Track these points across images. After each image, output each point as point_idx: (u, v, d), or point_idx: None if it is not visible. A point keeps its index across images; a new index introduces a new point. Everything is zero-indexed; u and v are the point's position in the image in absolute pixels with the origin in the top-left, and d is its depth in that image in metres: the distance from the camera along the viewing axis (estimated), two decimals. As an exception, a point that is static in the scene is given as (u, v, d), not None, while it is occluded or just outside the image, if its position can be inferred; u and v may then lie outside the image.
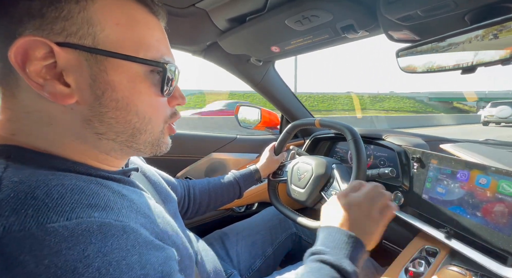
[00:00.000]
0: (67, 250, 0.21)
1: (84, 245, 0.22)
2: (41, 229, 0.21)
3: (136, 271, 0.24)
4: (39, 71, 0.27)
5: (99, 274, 0.21)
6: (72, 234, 0.22)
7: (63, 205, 0.23)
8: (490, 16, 0.38)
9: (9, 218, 0.21)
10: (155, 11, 0.33)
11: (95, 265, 0.22)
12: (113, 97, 0.29)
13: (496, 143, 0.86)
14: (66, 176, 0.26)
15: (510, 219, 0.46)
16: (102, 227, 0.23)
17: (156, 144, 0.36)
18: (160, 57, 0.32)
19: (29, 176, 0.24)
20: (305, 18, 0.55)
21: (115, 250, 0.23)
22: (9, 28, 0.26)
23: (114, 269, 0.22)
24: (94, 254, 0.22)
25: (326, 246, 0.40)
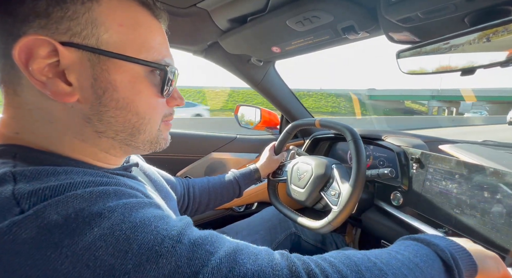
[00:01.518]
0: (89, 206, 0.23)
1: (103, 202, 0.24)
2: (63, 196, 0.23)
3: (158, 212, 0.26)
4: (42, 69, 0.27)
5: (124, 217, 0.24)
6: (91, 196, 0.24)
7: (77, 185, 0.25)
8: (489, 18, 0.38)
9: (31, 198, 0.22)
10: (157, 15, 0.34)
11: (118, 210, 0.24)
12: (114, 97, 0.30)
13: (495, 144, 0.86)
14: (73, 169, 0.27)
15: (508, 219, 0.47)
16: (117, 191, 0.26)
17: (155, 142, 0.36)
18: (161, 59, 0.33)
19: (38, 170, 0.25)
20: (306, 19, 0.55)
21: (133, 203, 0.26)
22: (14, 26, 0.27)
23: (137, 213, 0.25)
24: (114, 204, 0.24)
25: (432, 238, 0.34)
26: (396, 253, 0.31)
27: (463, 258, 0.33)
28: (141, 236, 0.23)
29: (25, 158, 0.27)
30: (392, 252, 0.31)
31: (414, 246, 0.32)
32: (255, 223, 0.84)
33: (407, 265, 0.29)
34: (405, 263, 0.29)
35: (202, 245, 0.25)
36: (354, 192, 0.59)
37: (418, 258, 0.30)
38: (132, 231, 0.23)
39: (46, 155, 0.29)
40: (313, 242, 0.88)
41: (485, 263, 0.35)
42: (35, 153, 0.28)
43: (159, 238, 0.24)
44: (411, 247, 0.32)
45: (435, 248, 0.32)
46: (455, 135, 8.80)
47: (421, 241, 0.33)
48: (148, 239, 0.23)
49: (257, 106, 1.20)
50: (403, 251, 0.31)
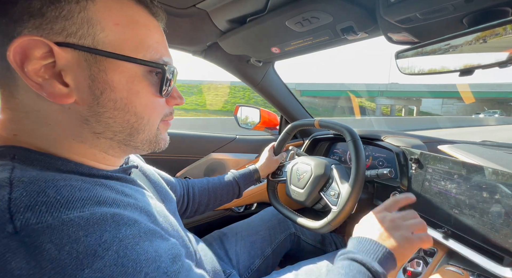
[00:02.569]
0: (85, 237, 0.22)
1: (100, 232, 0.23)
2: (58, 220, 0.22)
3: (151, 253, 0.25)
4: (37, 71, 0.27)
5: (118, 257, 0.23)
6: (88, 223, 0.23)
7: (74, 201, 0.24)
8: (487, 19, 0.38)
9: (25, 214, 0.22)
10: (154, 13, 0.33)
11: (113, 248, 0.23)
12: (112, 97, 0.30)
13: (493, 144, 0.87)
14: (72, 177, 0.27)
15: (507, 219, 0.47)
16: (115, 216, 0.25)
17: (154, 141, 0.36)
18: (159, 58, 0.32)
19: (37, 176, 0.25)
20: (305, 19, 0.55)
21: (129, 235, 0.25)
22: (9, 27, 0.26)
23: (131, 251, 0.24)
24: (111, 239, 0.23)
25: (356, 249, 0.41)
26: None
27: (390, 267, 0.39)
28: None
29: (23, 160, 0.27)
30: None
31: (360, 276, 0.37)
32: (255, 224, 0.84)
33: None
34: None
35: None
36: (354, 192, 0.59)
37: None
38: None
39: (45, 157, 0.29)
40: (312, 243, 0.88)
41: (400, 252, 0.41)
42: (34, 155, 0.28)
43: None
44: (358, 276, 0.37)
45: (375, 276, 0.37)
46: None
47: (365, 266, 0.38)
48: None
49: (256, 106, 1.21)
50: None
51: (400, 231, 0.43)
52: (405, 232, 0.43)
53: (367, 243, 0.41)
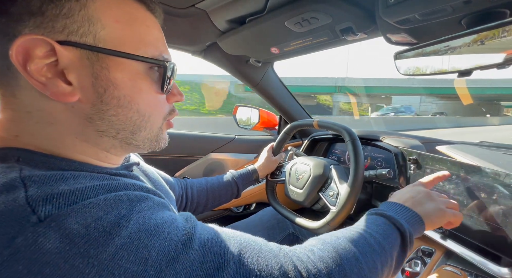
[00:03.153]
0: (106, 214, 0.24)
1: (118, 210, 0.25)
2: (78, 204, 0.24)
3: (167, 217, 0.28)
4: (40, 70, 0.27)
5: (139, 224, 0.25)
6: (105, 203, 0.25)
7: (87, 192, 0.25)
8: (486, 21, 0.39)
9: (46, 206, 0.23)
10: (152, 9, 0.33)
11: (134, 218, 0.25)
12: (115, 95, 0.30)
13: (491, 145, 0.87)
14: (80, 174, 0.27)
15: (504, 219, 0.47)
16: (128, 195, 0.27)
17: (155, 140, 0.36)
18: (159, 55, 0.33)
19: (46, 175, 0.25)
20: (305, 20, 0.55)
21: (144, 207, 0.27)
22: (9, 26, 0.26)
23: (149, 219, 0.26)
24: (129, 213, 0.25)
25: (385, 209, 0.43)
26: (370, 237, 0.37)
27: (417, 229, 0.41)
28: (157, 243, 0.25)
29: (29, 161, 0.27)
30: (366, 235, 0.38)
31: (384, 227, 0.39)
32: (254, 224, 0.84)
33: (377, 251, 0.36)
34: (376, 250, 0.36)
35: (210, 248, 0.28)
36: (352, 193, 0.60)
37: (386, 241, 0.37)
38: (149, 239, 0.25)
39: (49, 158, 0.29)
40: None
41: (430, 219, 0.43)
42: (38, 157, 0.28)
43: (173, 244, 0.26)
44: (382, 227, 0.39)
45: (400, 229, 0.39)
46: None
47: (390, 220, 0.40)
48: (164, 245, 0.25)
49: (255, 106, 1.21)
50: (375, 233, 0.38)
51: (433, 202, 0.45)
52: (439, 204, 0.45)
53: (398, 207, 0.43)
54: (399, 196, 0.47)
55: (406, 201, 0.45)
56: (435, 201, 0.45)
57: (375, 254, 0.36)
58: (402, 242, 0.39)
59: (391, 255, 0.37)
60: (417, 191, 0.47)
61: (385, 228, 0.39)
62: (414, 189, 0.47)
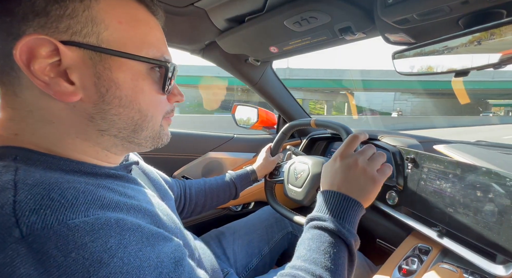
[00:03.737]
0: (91, 243, 0.22)
1: (105, 238, 0.23)
2: (63, 226, 0.22)
3: (153, 259, 0.26)
4: (44, 69, 0.27)
5: (123, 264, 0.23)
6: (93, 228, 0.23)
7: (78, 205, 0.24)
8: (483, 21, 0.39)
9: (30, 217, 0.22)
10: (154, 11, 0.34)
11: (118, 255, 0.23)
12: (117, 95, 0.30)
13: (487, 144, 0.88)
14: (75, 180, 0.27)
15: (499, 218, 0.48)
16: (119, 221, 0.25)
17: (157, 137, 0.36)
18: (161, 56, 0.33)
19: (40, 179, 0.25)
20: (304, 19, 0.55)
21: (132, 242, 0.25)
22: (13, 26, 0.26)
23: (134, 258, 0.24)
24: (116, 246, 0.24)
25: (323, 212, 0.41)
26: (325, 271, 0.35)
27: (357, 220, 0.41)
28: None
29: (26, 160, 0.27)
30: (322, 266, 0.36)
31: (332, 249, 0.37)
32: (252, 223, 0.84)
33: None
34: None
35: None
36: None
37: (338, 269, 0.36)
38: None
39: (48, 157, 0.29)
40: None
41: (368, 197, 0.43)
42: (36, 156, 0.28)
43: None
44: (330, 251, 0.37)
45: (346, 242, 0.38)
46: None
47: (336, 235, 0.38)
48: None
49: (254, 105, 1.21)
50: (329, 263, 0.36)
51: (365, 173, 0.43)
52: (370, 173, 0.43)
53: (334, 200, 0.41)
54: (331, 179, 0.44)
55: (341, 185, 0.43)
56: (367, 172, 0.43)
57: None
58: (349, 255, 0.38)
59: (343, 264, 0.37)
60: (347, 166, 0.44)
61: (332, 253, 0.36)
62: (345, 164, 0.44)
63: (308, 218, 0.42)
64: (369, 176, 0.43)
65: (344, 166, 0.45)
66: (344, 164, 0.45)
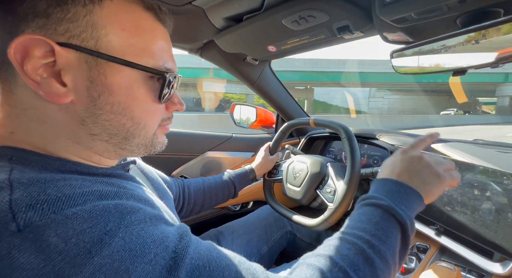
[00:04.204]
0: (90, 228, 0.22)
1: (104, 223, 0.23)
2: (61, 214, 0.22)
3: (158, 235, 0.26)
4: (36, 69, 0.27)
5: (125, 242, 0.23)
6: (91, 215, 0.23)
7: (75, 198, 0.24)
8: (480, 20, 0.39)
9: (28, 213, 0.22)
10: (162, 19, 0.33)
11: (119, 235, 0.23)
12: (109, 101, 0.30)
13: (485, 143, 0.89)
14: (71, 177, 0.27)
15: (497, 216, 0.48)
16: (118, 206, 0.25)
17: (150, 145, 0.36)
18: (162, 65, 0.32)
19: (36, 177, 0.25)
20: (302, 18, 0.55)
21: (134, 221, 0.25)
22: (13, 24, 0.27)
23: (137, 237, 0.24)
24: (116, 227, 0.24)
25: (378, 193, 0.38)
26: (368, 248, 0.33)
27: (416, 208, 0.38)
28: (140, 267, 0.23)
29: (21, 161, 0.27)
30: (364, 245, 0.33)
31: (383, 224, 0.35)
32: (251, 222, 0.84)
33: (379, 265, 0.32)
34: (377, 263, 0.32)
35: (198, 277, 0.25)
36: (349, 189, 0.60)
37: (386, 246, 0.33)
38: (132, 262, 0.23)
39: (43, 157, 0.28)
40: (308, 240, 0.89)
41: (431, 191, 0.39)
42: (32, 156, 0.28)
43: (157, 270, 0.24)
44: (380, 225, 0.35)
45: (400, 221, 0.35)
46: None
47: (389, 212, 0.36)
48: (147, 271, 0.23)
49: (252, 105, 1.21)
50: (374, 241, 0.33)
51: (429, 168, 0.40)
52: (434, 169, 0.40)
53: (393, 186, 0.38)
54: (391, 169, 0.42)
55: (401, 174, 0.40)
56: (430, 166, 0.40)
57: (377, 269, 0.31)
58: (403, 236, 0.35)
59: (393, 259, 0.33)
60: (410, 159, 0.41)
61: (383, 225, 0.34)
62: (407, 157, 0.42)
63: (360, 198, 0.40)
64: (433, 171, 0.40)
65: (406, 158, 0.42)
66: (406, 157, 0.42)
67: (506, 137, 8.85)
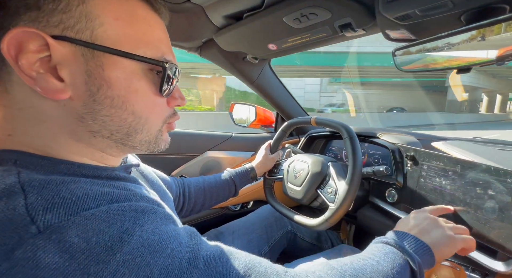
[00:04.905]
0: (108, 227, 0.23)
1: (120, 222, 0.24)
2: (79, 216, 0.23)
3: (171, 232, 0.27)
4: (32, 64, 0.26)
5: (142, 239, 0.24)
6: (108, 216, 0.24)
7: (89, 201, 0.25)
8: (485, 17, 0.39)
9: (46, 215, 0.22)
10: (157, 9, 0.32)
11: (136, 233, 0.25)
12: (108, 94, 0.29)
13: (484, 141, 0.89)
14: (80, 180, 0.27)
15: (500, 214, 0.48)
16: (132, 206, 0.26)
17: (153, 142, 0.35)
18: (160, 56, 0.31)
19: (46, 180, 0.25)
20: (303, 15, 0.54)
21: (147, 221, 0.26)
22: (5, 19, 0.26)
23: (153, 234, 0.26)
24: (132, 226, 0.25)
25: (391, 238, 0.41)
26: (377, 264, 0.36)
27: (427, 260, 0.40)
28: (160, 260, 0.24)
29: (26, 165, 0.26)
30: (373, 262, 0.37)
31: (392, 255, 0.38)
32: (251, 222, 0.84)
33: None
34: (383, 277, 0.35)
35: (215, 268, 0.27)
36: (351, 189, 0.60)
37: (394, 270, 0.36)
38: (152, 256, 0.24)
39: (47, 161, 0.28)
40: (309, 240, 0.89)
41: (440, 248, 0.41)
42: (36, 159, 0.27)
43: (177, 262, 0.25)
44: (389, 256, 0.38)
45: (408, 258, 0.37)
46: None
47: (397, 248, 0.39)
48: (167, 263, 0.25)
49: (252, 104, 1.20)
50: (382, 261, 0.37)
51: (441, 229, 0.43)
52: (447, 231, 0.43)
53: (404, 236, 0.41)
54: (404, 224, 0.46)
55: (412, 229, 0.43)
56: (442, 227, 0.43)
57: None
58: (411, 273, 0.37)
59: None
60: (422, 218, 0.45)
61: (392, 256, 0.37)
62: (419, 216, 0.46)
63: (373, 241, 0.43)
64: (445, 232, 0.43)
65: (419, 216, 0.45)
66: (420, 215, 0.46)
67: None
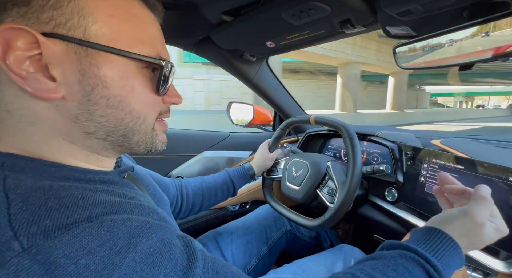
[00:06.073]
0: (99, 247, 0.22)
1: (114, 240, 0.22)
2: (67, 233, 0.21)
3: (166, 254, 0.25)
4: (21, 63, 0.24)
5: (135, 263, 0.23)
6: (99, 233, 0.22)
7: (79, 212, 0.23)
8: (488, 12, 0.38)
9: (30, 229, 0.20)
10: (151, 6, 0.31)
11: (130, 255, 0.23)
12: (104, 94, 0.27)
13: (481, 138, 0.89)
14: (71, 186, 0.25)
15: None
16: (126, 221, 0.24)
17: (150, 142, 0.34)
18: (156, 54, 0.31)
19: (33, 187, 0.23)
20: (302, 11, 0.53)
21: (142, 240, 0.24)
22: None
23: (147, 256, 0.24)
24: (125, 247, 0.23)
25: (411, 239, 0.36)
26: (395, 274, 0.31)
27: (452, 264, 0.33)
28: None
29: (13, 167, 0.25)
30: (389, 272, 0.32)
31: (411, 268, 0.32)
32: (250, 222, 0.83)
33: None
34: None
35: None
36: (350, 190, 0.59)
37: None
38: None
39: (37, 163, 0.26)
40: (308, 239, 0.88)
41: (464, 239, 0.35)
42: (24, 162, 0.26)
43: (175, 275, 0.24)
44: (407, 268, 0.32)
45: (429, 270, 0.32)
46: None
47: (417, 260, 0.33)
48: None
49: (249, 103, 1.19)
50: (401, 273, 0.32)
51: (477, 221, 0.35)
52: (486, 225, 0.36)
53: (426, 232, 0.35)
54: (438, 216, 0.38)
55: (444, 222, 0.36)
56: (483, 219, 0.36)
57: None
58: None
59: None
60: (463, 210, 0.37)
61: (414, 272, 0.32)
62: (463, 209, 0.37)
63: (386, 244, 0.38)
64: (482, 227, 0.36)
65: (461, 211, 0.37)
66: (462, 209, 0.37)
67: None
